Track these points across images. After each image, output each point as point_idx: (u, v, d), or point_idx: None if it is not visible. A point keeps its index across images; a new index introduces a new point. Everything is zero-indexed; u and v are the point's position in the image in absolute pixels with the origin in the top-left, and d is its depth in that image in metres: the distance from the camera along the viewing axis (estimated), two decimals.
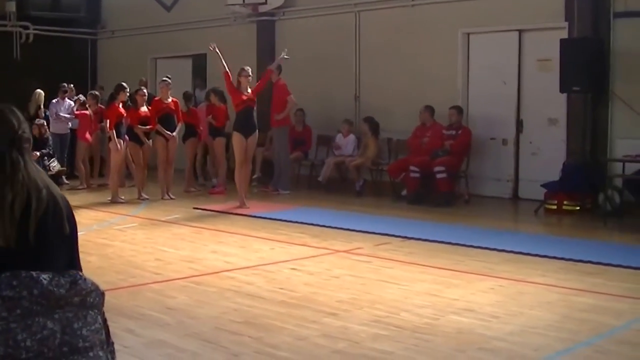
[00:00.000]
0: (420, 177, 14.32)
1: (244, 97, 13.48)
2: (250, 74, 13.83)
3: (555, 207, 12.94)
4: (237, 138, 13.51)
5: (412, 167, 14.29)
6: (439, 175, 13.97)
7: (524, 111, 14.80)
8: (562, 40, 13.58)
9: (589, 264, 8.83)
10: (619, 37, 13.61)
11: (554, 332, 6.24)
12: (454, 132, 14.39)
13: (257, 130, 13.78)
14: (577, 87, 13.26)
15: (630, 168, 12.14)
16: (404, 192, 14.70)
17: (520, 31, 14.86)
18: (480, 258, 9.24)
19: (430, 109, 14.75)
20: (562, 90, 13.48)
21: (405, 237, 10.57)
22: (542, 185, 13.22)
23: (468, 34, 15.57)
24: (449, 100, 14.97)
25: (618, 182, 12.54)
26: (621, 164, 12.17)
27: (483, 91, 15.22)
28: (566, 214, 12.76)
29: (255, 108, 13.84)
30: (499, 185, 14.92)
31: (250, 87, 13.74)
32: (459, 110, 14.59)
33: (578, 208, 12.88)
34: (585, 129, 13.54)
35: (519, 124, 14.80)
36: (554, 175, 13.29)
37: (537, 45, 14.65)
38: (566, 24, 14.05)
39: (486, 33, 15.33)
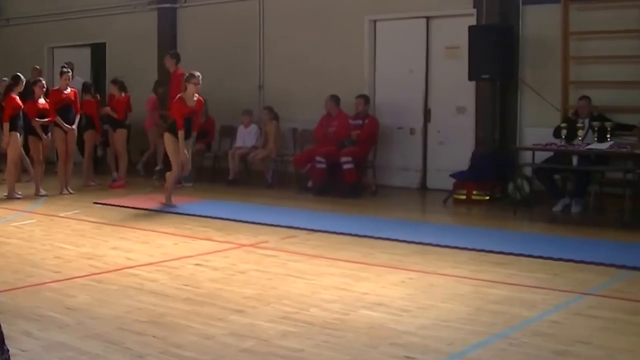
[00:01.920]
0: (327, 167, 14.27)
1: (189, 109, 12.65)
2: (201, 81, 12.87)
3: (464, 197, 13.06)
4: (170, 140, 12.71)
5: (318, 158, 14.22)
6: (345, 166, 13.94)
7: (432, 100, 14.89)
8: (470, 28, 13.69)
9: (500, 255, 8.90)
10: (527, 24, 13.78)
11: (468, 325, 6.23)
12: (360, 122, 14.37)
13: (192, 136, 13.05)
14: (485, 75, 13.38)
15: (540, 156, 12.27)
16: (310, 184, 14.63)
17: (427, 18, 14.93)
18: (389, 250, 9.22)
19: (336, 98, 14.68)
20: (470, 78, 13.59)
21: (312, 230, 10.50)
22: (450, 175, 13.32)
23: (375, 21, 15.58)
24: (356, 89, 14.96)
25: (527, 171, 12.67)
26: (530, 152, 12.29)
27: (390, 79, 15.26)
28: (475, 203, 12.88)
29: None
30: (407, 175, 14.99)
31: (198, 93, 12.89)
32: (365, 99, 14.60)
33: (487, 198, 13.02)
34: (494, 118, 13.67)
35: (427, 113, 14.89)
36: (463, 164, 13.39)
37: (445, 32, 14.76)
38: (474, 11, 14.19)
39: (393, 20, 15.35)
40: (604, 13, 13.20)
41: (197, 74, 12.89)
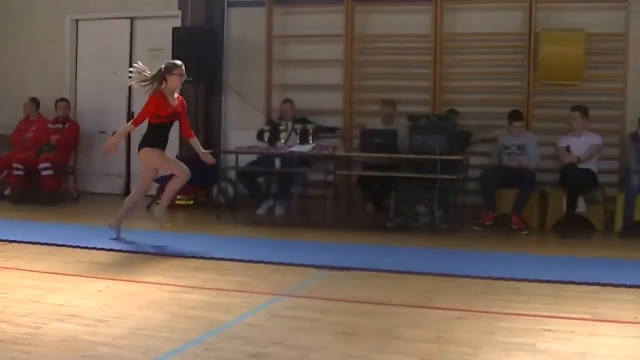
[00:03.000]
0: (25, 174, 13.87)
1: (171, 109, 10.24)
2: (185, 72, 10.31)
3: None
4: (154, 154, 10.39)
5: (15, 164, 13.77)
6: (44, 172, 13.60)
7: (136, 103, 14.77)
8: (174, 29, 13.72)
9: (201, 260, 9.00)
10: (232, 27, 14.06)
11: (164, 332, 6.22)
12: (60, 126, 14.11)
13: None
14: (189, 77, 13.34)
15: (244, 159, 12.49)
16: (7, 192, 14.18)
17: (132, 19, 14.88)
18: (89, 259, 9.06)
19: (35, 101, 14.34)
20: None
21: (7, 240, 10.10)
22: (153, 180, 13.26)
23: (77, 21, 15.33)
24: (57, 91, 14.67)
25: (231, 174, 12.87)
26: (234, 155, 12.49)
27: (93, 82, 15.08)
28: (179, 208, 12.95)
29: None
30: (110, 180, 14.90)
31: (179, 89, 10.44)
32: (65, 102, 14.33)
33: (191, 202, 13.11)
34: (198, 121, 13.79)
35: (131, 116, 14.77)
36: None
37: (150, 34, 14.75)
38: (179, 12, 14.28)
39: (96, 20, 15.18)
40: (308, 17, 13.70)
41: (180, 62, 10.29)
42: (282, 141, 12.12)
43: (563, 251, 10.27)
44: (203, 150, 10.54)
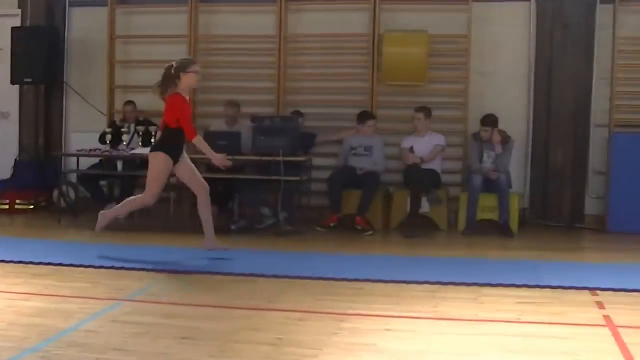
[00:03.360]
0: None
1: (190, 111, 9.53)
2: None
3: (7, 207, 12.79)
4: (160, 163, 9.33)
5: None
6: None
7: None
8: (14, 29, 13.46)
9: (39, 266, 8.78)
10: (74, 27, 13.85)
11: None
12: None
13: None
14: (29, 78, 13.25)
15: (85, 163, 12.29)
16: None
17: None
18: None
19: None
20: (13, 82, 13.36)
21: None
22: None
23: None
24: None
25: (73, 177, 12.67)
26: (76, 159, 12.30)
27: None
28: (19, 213, 12.66)
29: None
30: None
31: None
32: None
33: (32, 207, 12.85)
34: (38, 123, 13.55)
35: None
36: (6, 173, 13.13)
37: None
38: (19, 12, 13.99)
39: None
40: (151, 18, 13.57)
41: (193, 58, 9.59)
42: (125, 144, 11.98)
43: (407, 251, 10.49)
44: None
